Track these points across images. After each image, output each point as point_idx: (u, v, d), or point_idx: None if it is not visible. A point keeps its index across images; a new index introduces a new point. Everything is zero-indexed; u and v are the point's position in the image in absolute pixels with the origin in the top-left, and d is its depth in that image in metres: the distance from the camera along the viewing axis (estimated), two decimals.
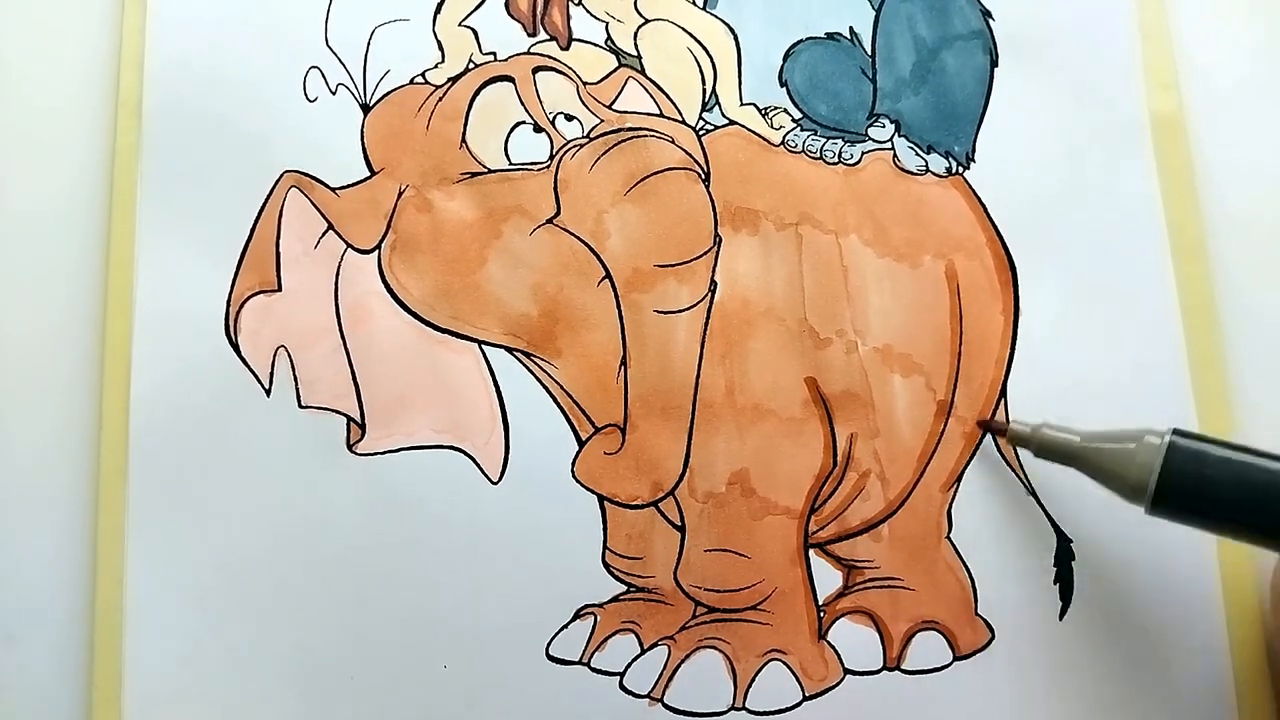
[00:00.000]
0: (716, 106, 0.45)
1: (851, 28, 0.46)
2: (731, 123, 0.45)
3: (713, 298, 0.43)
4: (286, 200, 0.44)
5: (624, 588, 0.41)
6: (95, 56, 0.45)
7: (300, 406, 0.42)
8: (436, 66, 0.45)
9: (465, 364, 0.42)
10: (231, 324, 0.43)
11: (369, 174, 0.44)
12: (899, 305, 0.43)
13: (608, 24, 0.46)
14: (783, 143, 0.45)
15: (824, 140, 0.45)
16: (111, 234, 0.43)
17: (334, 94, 0.45)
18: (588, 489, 0.42)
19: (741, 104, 0.45)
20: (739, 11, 0.46)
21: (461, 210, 0.43)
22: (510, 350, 0.43)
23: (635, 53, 0.45)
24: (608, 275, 0.43)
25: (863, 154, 0.44)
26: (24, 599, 0.41)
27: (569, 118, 0.44)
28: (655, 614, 0.41)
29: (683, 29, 0.46)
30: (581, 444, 0.42)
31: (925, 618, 0.41)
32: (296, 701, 0.40)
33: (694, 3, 0.46)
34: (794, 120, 0.45)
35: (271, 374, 0.42)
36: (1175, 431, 0.36)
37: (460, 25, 0.45)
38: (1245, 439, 0.42)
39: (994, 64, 0.45)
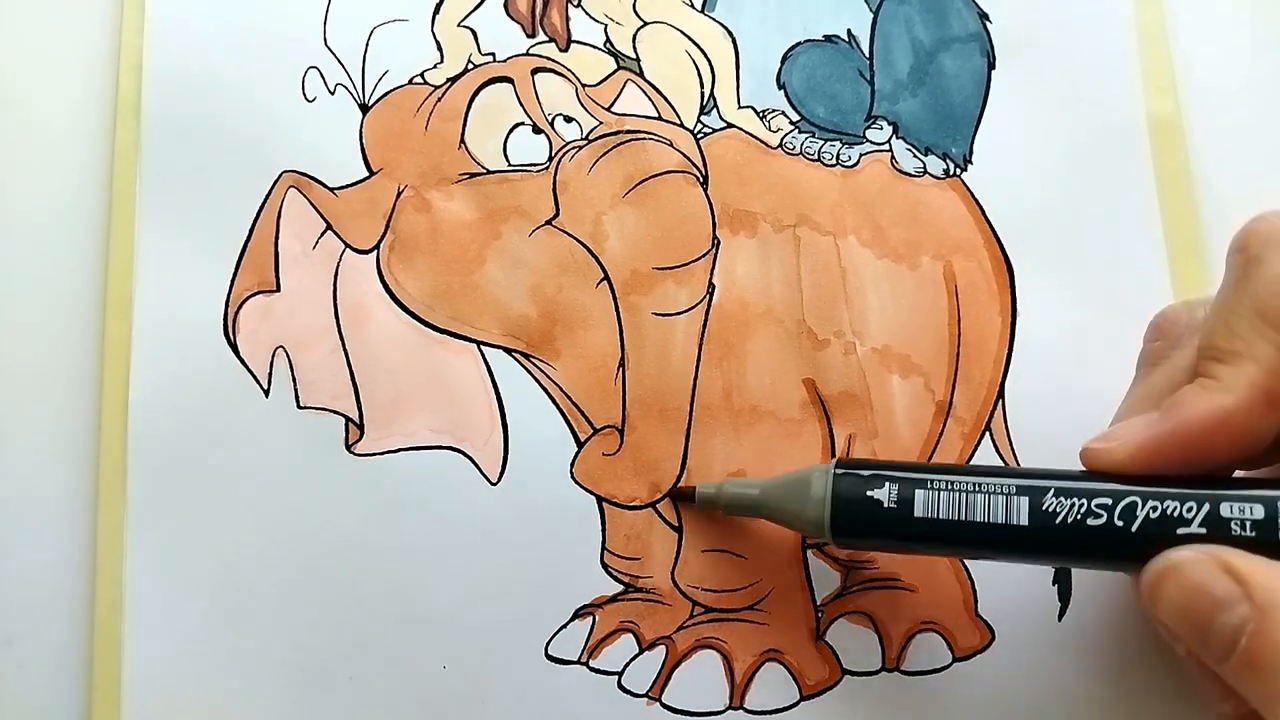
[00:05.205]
0: (714, 109, 0.45)
1: (850, 30, 0.46)
2: (729, 125, 0.45)
3: (711, 300, 0.43)
4: (285, 200, 0.44)
5: (622, 588, 0.41)
6: (94, 58, 0.46)
7: (299, 407, 0.42)
8: (435, 67, 0.45)
9: (464, 365, 0.43)
10: (230, 324, 0.43)
11: (367, 174, 0.44)
12: (897, 306, 0.43)
13: (606, 26, 0.46)
14: (780, 145, 0.45)
15: (822, 142, 0.45)
16: (111, 235, 0.44)
17: (332, 94, 0.45)
18: (586, 490, 0.42)
19: (739, 107, 0.45)
20: (737, 14, 0.46)
21: (460, 211, 0.44)
22: (509, 351, 0.43)
23: (634, 55, 0.46)
24: (606, 277, 0.43)
25: (860, 156, 0.45)
26: (23, 599, 0.41)
27: (568, 119, 0.44)
28: (653, 614, 0.41)
29: (681, 32, 0.46)
30: (580, 445, 0.42)
31: (925, 618, 0.41)
32: (295, 701, 0.40)
33: (692, 6, 0.46)
34: (792, 122, 0.45)
35: (270, 375, 0.42)
36: (839, 463, 0.36)
37: (459, 26, 0.45)
38: None
39: (991, 66, 0.46)
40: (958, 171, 0.44)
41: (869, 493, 0.35)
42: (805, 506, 0.36)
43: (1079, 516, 0.33)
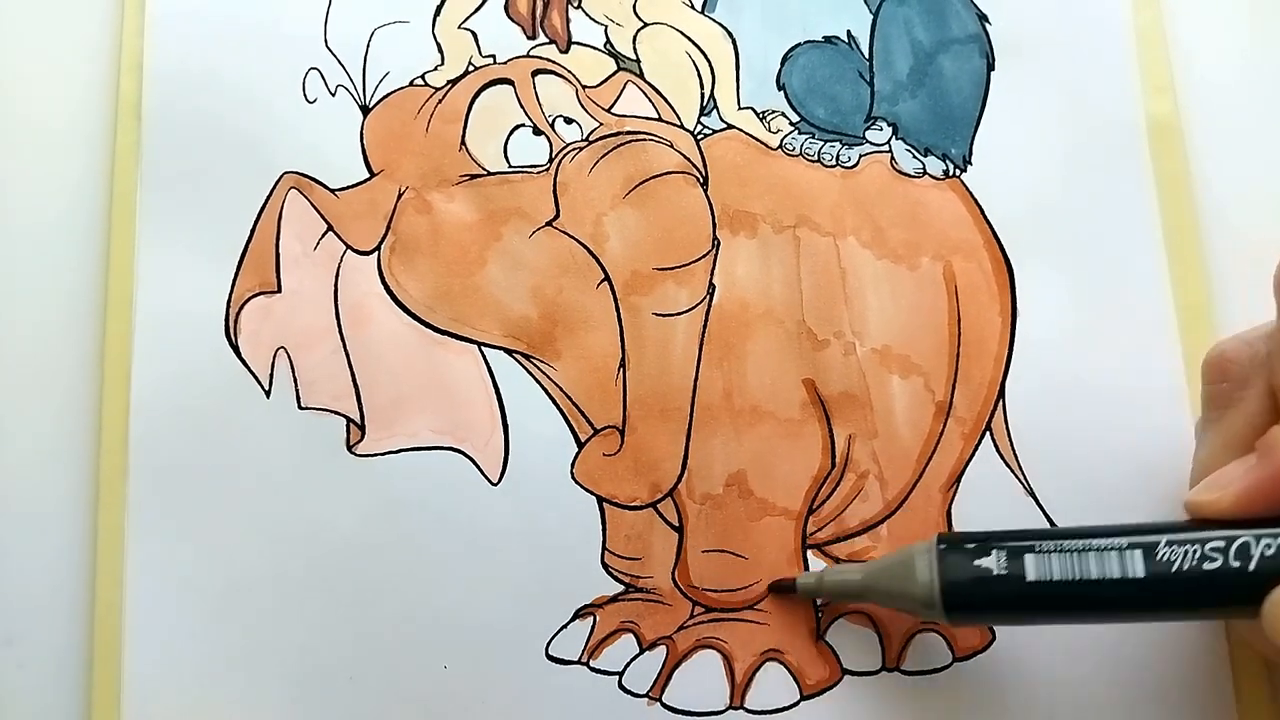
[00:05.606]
0: (714, 110, 0.45)
1: (849, 31, 0.46)
2: (729, 126, 0.45)
3: (711, 300, 0.43)
4: (286, 201, 0.44)
5: (623, 588, 0.41)
6: (95, 59, 0.46)
7: (300, 408, 0.42)
8: (436, 69, 0.45)
9: (465, 365, 0.43)
10: (231, 325, 0.43)
11: (368, 175, 0.44)
12: (897, 307, 0.43)
13: (606, 28, 0.46)
14: (780, 146, 0.45)
15: (821, 143, 0.45)
16: (111, 235, 0.44)
17: (333, 95, 0.45)
18: (587, 490, 0.42)
19: (739, 108, 0.45)
20: (737, 15, 0.46)
21: (461, 212, 0.44)
22: (510, 352, 0.43)
23: (634, 56, 0.46)
24: (606, 278, 0.43)
25: (860, 157, 0.45)
26: (23, 600, 0.41)
27: (568, 121, 0.44)
28: (654, 614, 0.41)
29: (681, 33, 0.46)
30: (580, 445, 0.42)
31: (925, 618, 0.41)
32: (296, 702, 0.40)
33: (692, 7, 0.46)
34: (791, 124, 0.45)
35: (271, 375, 0.42)
36: (940, 538, 0.36)
37: (460, 28, 0.45)
38: None
39: (990, 67, 0.46)
40: (957, 172, 0.44)
41: (977, 562, 0.34)
42: (913, 586, 0.35)
43: (1195, 562, 0.32)
